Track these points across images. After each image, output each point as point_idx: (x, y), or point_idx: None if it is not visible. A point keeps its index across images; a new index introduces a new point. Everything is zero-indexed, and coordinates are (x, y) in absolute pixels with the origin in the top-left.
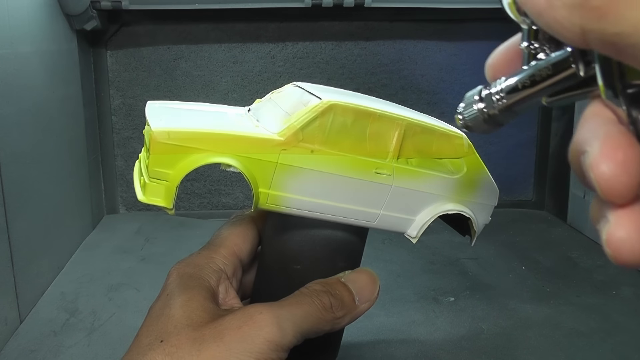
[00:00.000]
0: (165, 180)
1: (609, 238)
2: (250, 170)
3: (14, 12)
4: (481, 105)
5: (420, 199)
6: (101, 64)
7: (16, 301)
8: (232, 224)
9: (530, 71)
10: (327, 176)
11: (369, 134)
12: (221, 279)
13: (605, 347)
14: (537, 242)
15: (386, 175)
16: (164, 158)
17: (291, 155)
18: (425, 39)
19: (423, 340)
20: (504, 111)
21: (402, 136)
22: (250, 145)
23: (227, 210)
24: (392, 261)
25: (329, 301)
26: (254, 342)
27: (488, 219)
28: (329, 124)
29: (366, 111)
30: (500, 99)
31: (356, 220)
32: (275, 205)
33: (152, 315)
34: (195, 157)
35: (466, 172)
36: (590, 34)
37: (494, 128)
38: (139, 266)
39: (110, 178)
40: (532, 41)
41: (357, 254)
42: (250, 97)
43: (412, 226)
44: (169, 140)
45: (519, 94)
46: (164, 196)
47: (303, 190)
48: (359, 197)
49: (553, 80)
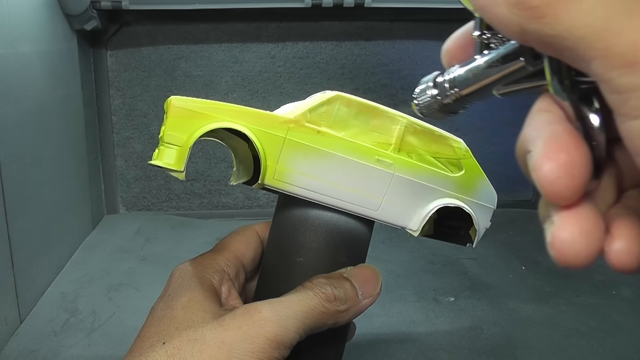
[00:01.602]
0: (178, 145)
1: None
2: (261, 142)
3: (14, 12)
4: (435, 92)
5: (421, 191)
6: (101, 64)
7: (16, 301)
8: (235, 232)
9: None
10: (331, 156)
11: (371, 126)
12: (224, 279)
13: (605, 347)
14: (537, 242)
15: (388, 163)
16: (180, 122)
17: (299, 133)
18: (425, 39)
19: (423, 340)
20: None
21: (402, 132)
22: (260, 119)
23: (227, 210)
24: (392, 261)
25: (332, 293)
26: (255, 342)
27: (488, 223)
28: (335, 111)
29: (369, 105)
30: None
31: (359, 207)
32: (280, 182)
33: (153, 316)
34: (209, 121)
35: (464, 173)
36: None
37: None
38: (139, 266)
39: (110, 178)
40: (485, 30)
41: (361, 251)
42: (250, 97)
43: (413, 220)
44: (186, 106)
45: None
46: (176, 159)
47: (308, 169)
48: (362, 182)
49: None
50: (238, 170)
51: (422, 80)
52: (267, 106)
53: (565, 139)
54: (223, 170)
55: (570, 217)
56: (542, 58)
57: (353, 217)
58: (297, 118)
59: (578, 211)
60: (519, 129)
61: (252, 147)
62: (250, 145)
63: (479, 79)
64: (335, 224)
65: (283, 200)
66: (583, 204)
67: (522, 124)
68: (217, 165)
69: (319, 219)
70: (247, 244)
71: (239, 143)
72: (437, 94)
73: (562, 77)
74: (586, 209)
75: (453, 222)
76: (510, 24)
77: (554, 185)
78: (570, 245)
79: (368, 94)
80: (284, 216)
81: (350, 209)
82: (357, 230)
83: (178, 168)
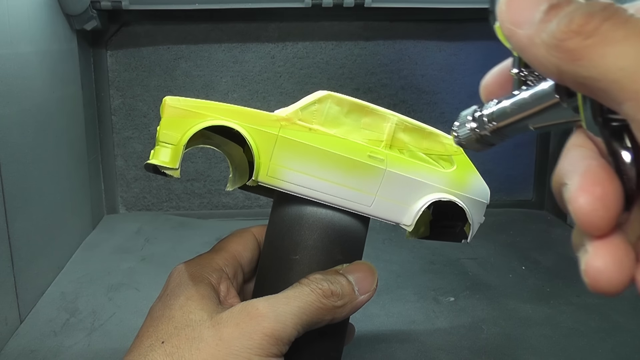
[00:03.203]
0: (172, 144)
1: (587, 268)
2: (254, 139)
3: (14, 12)
4: (474, 125)
5: (414, 187)
6: (101, 64)
7: (16, 301)
8: (232, 234)
9: (518, 98)
10: (323, 153)
11: (363, 124)
12: (222, 278)
13: (605, 347)
14: (537, 242)
15: (380, 159)
16: (174, 121)
17: (291, 131)
18: (425, 39)
19: (423, 340)
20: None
21: (393, 129)
22: (253, 117)
23: (227, 210)
24: (392, 261)
25: (329, 288)
26: (253, 339)
27: (482, 218)
28: (326, 109)
29: (360, 104)
30: (490, 122)
31: (352, 203)
32: (274, 178)
33: (152, 316)
34: (202, 119)
35: (456, 169)
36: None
37: (486, 147)
38: (139, 266)
39: (110, 178)
40: (522, 68)
41: (357, 248)
42: (250, 97)
43: (407, 216)
44: (179, 105)
45: (507, 119)
46: (171, 157)
47: (301, 166)
48: (354, 178)
49: (538, 108)
50: (234, 176)
51: (462, 115)
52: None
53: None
54: (223, 170)
55: (603, 246)
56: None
57: (348, 214)
58: (289, 116)
59: (610, 241)
60: None
61: (247, 153)
62: (246, 150)
63: (516, 113)
64: (330, 222)
65: (278, 199)
66: (615, 235)
67: None
68: (217, 165)
69: (313, 217)
70: (245, 245)
71: (235, 149)
72: (475, 127)
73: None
74: (618, 239)
75: (448, 221)
76: (548, 65)
77: (589, 216)
78: (603, 273)
79: (368, 94)
80: (279, 215)
81: (344, 205)
82: (352, 227)
83: (173, 165)
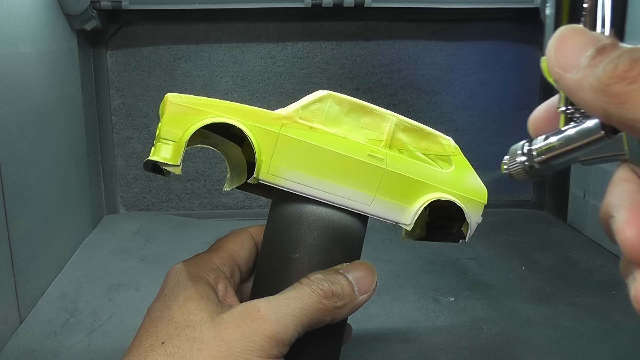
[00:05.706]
0: (174, 141)
1: (636, 294)
2: (256, 137)
3: (14, 12)
4: (523, 158)
5: (413, 186)
6: (101, 64)
7: (16, 301)
8: (229, 234)
9: (565, 134)
10: (324, 152)
11: (362, 124)
12: (220, 278)
13: (604, 347)
14: (537, 242)
15: (380, 158)
16: (176, 118)
17: (292, 129)
18: (425, 39)
19: (423, 340)
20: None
21: (392, 129)
22: (255, 115)
23: (227, 210)
24: (392, 261)
25: (330, 289)
26: (254, 340)
27: (480, 218)
28: (327, 108)
29: (360, 104)
30: (539, 155)
31: (352, 202)
32: (275, 176)
33: (151, 316)
34: (204, 117)
35: (454, 169)
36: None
37: (534, 179)
38: (139, 266)
39: (110, 178)
40: (568, 106)
41: (356, 247)
42: (250, 97)
43: (406, 215)
44: (181, 102)
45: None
46: (172, 154)
47: (302, 164)
48: (354, 177)
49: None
50: (232, 177)
51: (512, 149)
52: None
53: None
54: (223, 170)
55: None
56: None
57: (347, 212)
58: (290, 115)
59: None
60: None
61: (245, 152)
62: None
63: (563, 147)
64: (329, 220)
65: (277, 198)
66: None
67: (522, 125)
68: (217, 165)
69: (313, 215)
70: (242, 245)
71: (233, 148)
72: (525, 160)
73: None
74: None
75: (445, 222)
76: (595, 107)
77: (636, 247)
78: None
79: (368, 94)
80: (278, 214)
81: (344, 204)
82: (351, 226)
83: (174, 162)
